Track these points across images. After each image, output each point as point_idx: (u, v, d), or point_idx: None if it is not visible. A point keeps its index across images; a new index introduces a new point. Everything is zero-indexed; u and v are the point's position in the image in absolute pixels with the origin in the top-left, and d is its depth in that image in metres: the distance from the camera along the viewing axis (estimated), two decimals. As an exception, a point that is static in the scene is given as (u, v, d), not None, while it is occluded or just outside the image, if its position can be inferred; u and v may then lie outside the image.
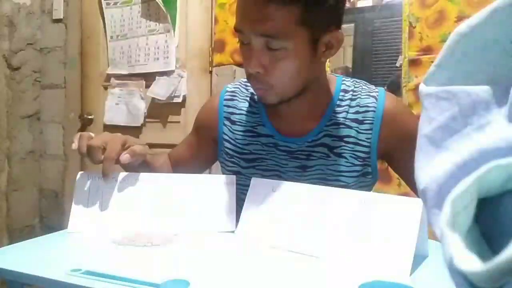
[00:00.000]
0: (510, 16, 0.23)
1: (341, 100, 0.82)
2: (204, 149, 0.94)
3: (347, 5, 1.64)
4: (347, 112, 0.81)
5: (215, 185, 0.75)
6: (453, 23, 1.47)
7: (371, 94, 0.82)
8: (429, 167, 0.25)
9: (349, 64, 1.66)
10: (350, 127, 0.80)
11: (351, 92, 0.82)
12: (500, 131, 0.21)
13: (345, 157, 0.80)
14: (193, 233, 0.69)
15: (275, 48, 0.69)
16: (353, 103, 0.81)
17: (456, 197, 0.19)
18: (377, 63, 1.63)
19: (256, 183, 0.72)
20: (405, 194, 0.61)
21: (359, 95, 0.82)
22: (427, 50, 1.51)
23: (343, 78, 0.86)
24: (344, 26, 0.79)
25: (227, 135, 0.88)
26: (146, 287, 0.47)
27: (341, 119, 0.81)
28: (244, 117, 0.87)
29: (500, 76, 0.24)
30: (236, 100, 0.90)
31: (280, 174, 0.83)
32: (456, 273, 0.18)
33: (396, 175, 1.57)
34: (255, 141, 0.85)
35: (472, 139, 0.23)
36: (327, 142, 0.81)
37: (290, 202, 0.66)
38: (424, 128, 0.26)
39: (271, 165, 0.84)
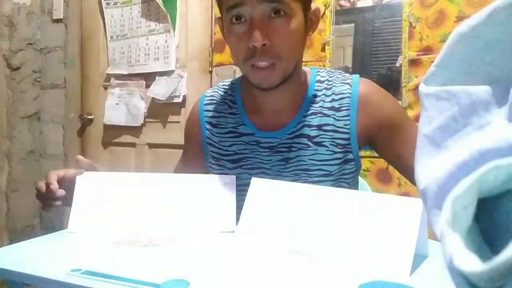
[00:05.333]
0: (510, 16, 0.23)
1: (317, 90, 0.83)
2: (197, 160, 0.94)
3: (347, 5, 1.65)
4: (324, 101, 0.82)
5: (215, 185, 0.75)
6: (453, 23, 1.47)
7: (345, 81, 0.83)
8: (429, 167, 0.25)
9: (349, 64, 1.66)
10: (328, 116, 0.81)
11: (326, 82, 0.84)
12: (500, 131, 0.21)
13: (325, 146, 0.81)
14: (193, 233, 0.69)
15: (277, 14, 0.71)
16: (329, 92, 0.83)
17: (456, 197, 0.19)
18: (377, 63, 1.63)
19: (256, 183, 0.72)
20: (405, 194, 0.61)
21: (333, 84, 0.83)
22: (427, 50, 1.52)
23: (318, 70, 0.87)
24: (344, 26, 0.80)
25: (211, 139, 0.89)
26: (146, 287, 0.47)
27: (318, 108, 0.82)
28: (225, 119, 0.88)
29: (500, 76, 0.24)
30: (215, 103, 0.91)
31: (264, 170, 0.84)
32: (456, 273, 0.18)
33: (396, 175, 1.57)
34: (238, 141, 0.86)
35: (472, 139, 0.23)
36: (306, 132, 0.81)
37: (290, 202, 0.66)
38: (424, 128, 0.26)
39: (255, 163, 0.84)
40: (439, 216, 0.22)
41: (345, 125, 0.81)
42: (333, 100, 0.82)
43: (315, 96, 0.83)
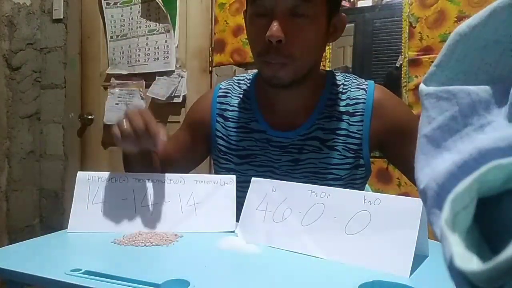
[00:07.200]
0: (510, 16, 0.23)
1: (332, 93, 0.83)
2: (195, 146, 0.92)
3: (347, 5, 1.65)
4: (338, 105, 0.82)
5: (215, 185, 0.75)
6: (453, 23, 1.47)
7: (360, 86, 0.83)
8: (429, 167, 0.25)
9: (349, 64, 1.66)
10: (342, 120, 0.81)
11: (341, 86, 0.84)
12: (500, 131, 0.21)
13: (337, 150, 0.80)
14: (193, 233, 0.69)
15: (300, 14, 0.71)
16: (344, 96, 0.82)
17: (456, 197, 0.19)
18: (377, 63, 1.63)
19: (256, 183, 0.72)
20: (405, 194, 0.61)
21: (349, 88, 0.83)
22: (427, 50, 1.51)
23: (334, 73, 0.87)
24: (344, 26, 0.80)
25: (220, 132, 0.88)
26: (146, 287, 0.47)
27: (332, 112, 0.82)
28: (237, 114, 0.87)
29: (500, 76, 0.24)
30: (229, 97, 0.90)
31: (273, 169, 0.84)
32: (456, 273, 0.18)
33: (396, 175, 1.57)
34: (249, 137, 0.85)
35: (472, 139, 0.23)
36: (319, 135, 0.81)
37: (290, 202, 0.66)
38: (424, 128, 0.26)
39: (264, 161, 0.84)
40: (439, 216, 0.22)
41: (358, 130, 0.80)
42: (347, 104, 0.81)
43: (330, 99, 0.83)
